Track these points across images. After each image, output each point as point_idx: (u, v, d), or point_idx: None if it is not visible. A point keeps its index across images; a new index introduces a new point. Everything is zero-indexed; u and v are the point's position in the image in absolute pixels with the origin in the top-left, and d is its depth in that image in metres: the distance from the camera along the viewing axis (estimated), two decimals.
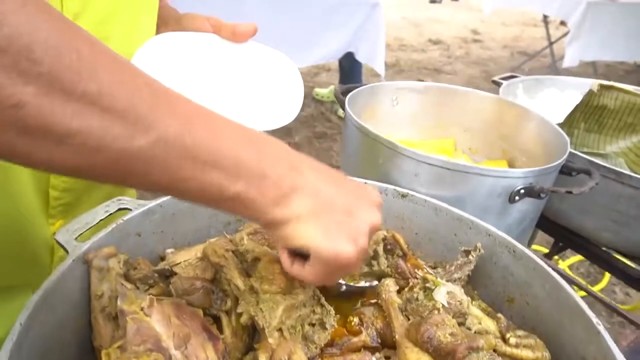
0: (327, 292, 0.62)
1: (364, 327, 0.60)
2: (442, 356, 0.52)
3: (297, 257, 0.46)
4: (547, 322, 0.59)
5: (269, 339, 0.51)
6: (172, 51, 0.60)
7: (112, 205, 0.61)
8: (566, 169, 0.79)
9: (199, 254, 0.60)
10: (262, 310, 0.52)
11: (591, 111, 0.92)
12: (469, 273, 0.64)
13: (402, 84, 1.03)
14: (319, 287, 0.58)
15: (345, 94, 1.00)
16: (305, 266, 0.45)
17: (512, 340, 0.53)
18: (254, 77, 0.64)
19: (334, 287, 0.64)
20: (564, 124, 0.96)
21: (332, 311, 0.57)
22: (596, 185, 0.73)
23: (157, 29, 0.67)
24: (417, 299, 0.60)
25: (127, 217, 0.59)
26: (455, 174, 0.72)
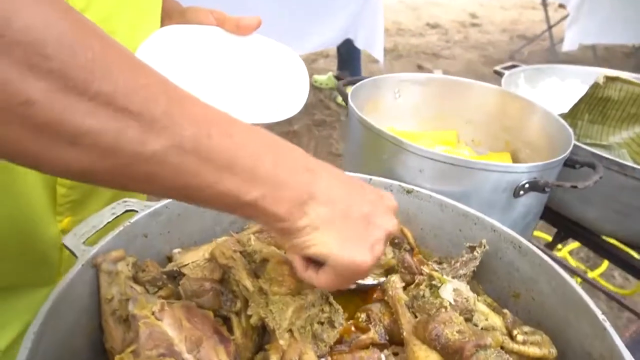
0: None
1: (372, 324, 0.61)
2: (450, 354, 0.52)
3: (310, 262, 0.46)
4: (552, 317, 0.59)
5: (280, 341, 0.51)
6: (176, 44, 0.60)
7: (119, 208, 0.61)
8: (570, 162, 0.79)
9: (207, 254, 0.61)
10: (272, 312, 0.52)
11: (595, 102, 0.92)
12: (474, 269, 0.65)
13: (404, 76, 1.03)
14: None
15: (347, 85, 0.99)
16: (320, 273, 0.45)
17: (520, 337, 0.54)
18: (259, 69, 0.64)
19: None
20: (568, 115, 0.96)
21: (341, 310, 0.58)
22: (600, 179, 0.73)
23: (161, 22, 0.66)
24: (423, 296, 0.60)
25: (133, 220, 0.59)
26: (460, 169, 0.72)
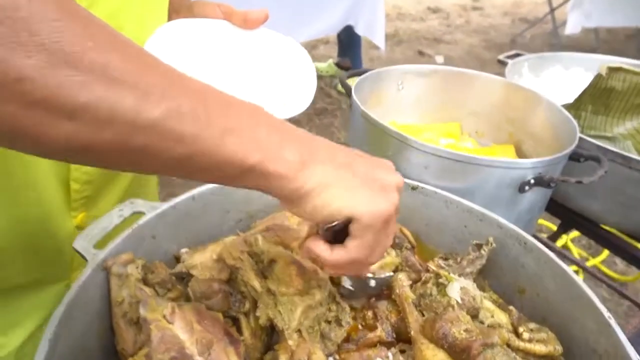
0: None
1: (379, 322, 0.62)
2: (457, 352, 0.53)
3: (331, 245, 0.45)
4: (558, 313, 0.60)
5: (289, 341, 0.52)
6: (184, 38, 0.60)
7: (126, 210, 0.61)
8: (575, 155, 0.79)
9: (214, 254, 0.61)
10: (280, 313, 0.53)
11: (599, 94, 0.92)
12: (480, 266, 0.65)
13: (407, 68, 1.02)
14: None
15: (350, 77, 0.99)
16: (347, 244, 0.43)
17: (526, 335, 0.55)
18: (266, 64, 0.63)
19: (363, 284, 0.63)
20: (571, 106, 0.95)
21: (347, 308, 0.59)
22: (605, 173, 0.73)
23: (169, 16, 0.66)
24: (430, 295, 0.61)
25: (141, 222, 0.60)
26: (465, 165, 0.72)
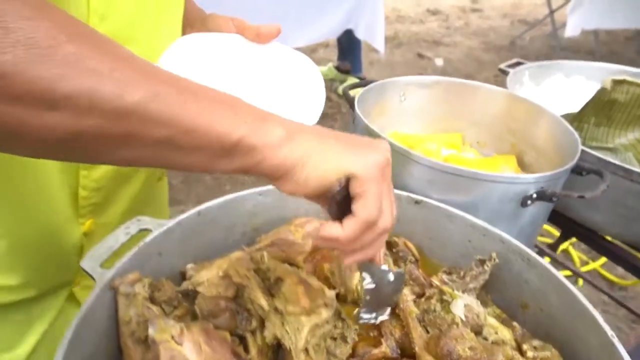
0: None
1: (384, 337, 0.62)
2: None
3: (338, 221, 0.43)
4: (561, 329, 0.60)
5: (295, 359, 0.52)
6: (198, 52, 0.61)
7: (133, 227, 0.61)
8: (577, 169, 0.80)
9: (221, 271, 0.61)
10: (287, 332, 0.53)
11: (602, 105, 0.92)
12: (483, 282, 0.66)
13: (410, 79, 1.03)
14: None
15: (352, 88, 0.99)
16: (353, 209, 0.42)
17: (530, 353, 0.55)
18: (277, 78, 0.64)
19: (383, 277, 0.60)
20: (574, 118, 0.96)
21: (352, 325, 0.59)
22: (607, 187, 0.73)
23: (183, 29, 0.67)
24: (434, 310, 0.61)
25: (148, 239, 0.60)
26: (468, 180, 0.72)
